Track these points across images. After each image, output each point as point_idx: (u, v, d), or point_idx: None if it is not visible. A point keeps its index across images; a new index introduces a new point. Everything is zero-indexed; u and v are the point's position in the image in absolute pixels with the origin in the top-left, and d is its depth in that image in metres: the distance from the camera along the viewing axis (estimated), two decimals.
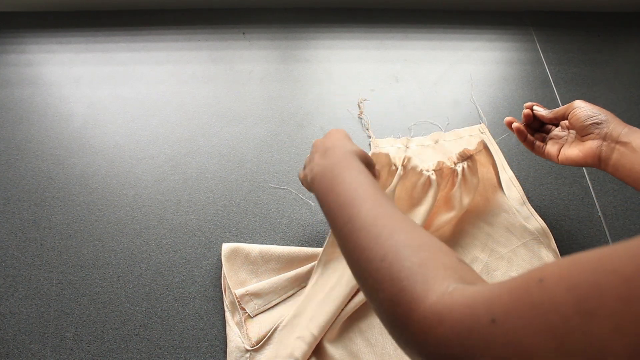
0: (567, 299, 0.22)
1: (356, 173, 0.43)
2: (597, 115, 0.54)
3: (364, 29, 0.90)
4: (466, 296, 0.27)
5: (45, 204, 0.67)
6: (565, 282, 0.23)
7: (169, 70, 0.83)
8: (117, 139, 0.74)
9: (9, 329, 0.57)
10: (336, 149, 0.48)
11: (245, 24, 0.90)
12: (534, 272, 0.25)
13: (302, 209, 0.67)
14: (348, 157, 0.46)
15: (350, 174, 0.43)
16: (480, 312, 0.26)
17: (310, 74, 0.83)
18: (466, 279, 0.30)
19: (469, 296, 0.27)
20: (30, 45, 0.87)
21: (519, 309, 0.24)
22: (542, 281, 0.24)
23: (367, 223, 0.37)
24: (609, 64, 0.87)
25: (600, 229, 0.66)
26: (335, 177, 0.43)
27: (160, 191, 0.68)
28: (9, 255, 0.62)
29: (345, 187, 0.41)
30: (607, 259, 0.22)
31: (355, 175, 0.43)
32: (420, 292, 0.30)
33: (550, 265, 0.25)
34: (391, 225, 0.36)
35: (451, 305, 0.28)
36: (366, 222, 0.37)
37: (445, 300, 0.28)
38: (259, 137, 0.74)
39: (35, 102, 0.78)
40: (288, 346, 0.53)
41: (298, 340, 0.53)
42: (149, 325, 0.57)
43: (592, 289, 0.21)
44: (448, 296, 0.29)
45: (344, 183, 0.42)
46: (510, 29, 0.92)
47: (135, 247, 0.63)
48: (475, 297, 0.27)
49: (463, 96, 0.80)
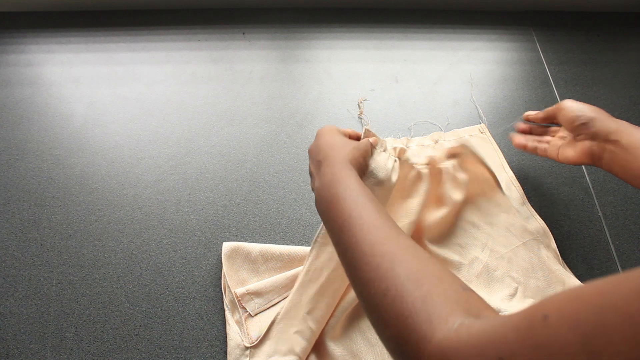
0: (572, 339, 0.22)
1: (350, 192, 0.42)
2: (583, 115, 0.53)
3: (364, 29, 0.90)
4: (472, 335, 0.27)
5: (45, 204, 0.67)
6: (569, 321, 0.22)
7: (169, 70, 0.83)
8: (117, 139, 0.74)
9: (9, 329, 0.57)
10: (328, 160, 0.47)
11: (245, 24, 0.90)
12: (538, 307, 0.25)
13: (302, 209, 0.67)
14: (341, 171, 0.45)
15: (344, 193, 0.42)
16: (488, 352, 0.25)
17: (310, 74, 0.83)
18: (471, 310, 0.30)
19: (475, 335, 0.27)
20: (30, 45, 0.87)
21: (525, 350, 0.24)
22: (546, 318, 0.23)
23: (366, 253, 0.36)
24: (609, 64, 0.87)
25: (600, 229, 0.66)
26: (331, 199, 0.42)
27: (160, 191, 0.68)
28: (9, 255, 0.62)
29: (340, 210, 0.40)
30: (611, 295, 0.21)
31: (349, 194, 0.41)
32: (425, 331, 0.29)
33: (553, 299, 0.24)
34: (391, 253, 0.35)
35: (457, 345, 0.27)
36: (365, 252, 0.36)
37: (451, 339, 0.28)
38: (259, 137, 0.74)
39: (35, 102, 0.78)
40: (287, 341, 0.53)
41: (296, 335, 0.53)
42: (149, 325, 0.57)
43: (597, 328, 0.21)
44: (454, 334, 0.28)
45: (339, 205, 0.41)
46: (510, 29, 0.92)
47: (135, 247, 0.63)
48: (481, 336, 0.27)
49: (463, 96, 0.80)
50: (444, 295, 0.31)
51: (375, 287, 0.33)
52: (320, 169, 0.47)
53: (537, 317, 0.24)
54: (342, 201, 0.41)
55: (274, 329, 0.55)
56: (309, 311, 0.54)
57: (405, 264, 0.34)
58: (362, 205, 0.40)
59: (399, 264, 0.34)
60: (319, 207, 0.45)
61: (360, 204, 0.40)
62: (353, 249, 0.37)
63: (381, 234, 0.37)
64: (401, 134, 0.75)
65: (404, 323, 0.30)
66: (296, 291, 0.55)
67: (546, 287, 0.58)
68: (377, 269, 0.34)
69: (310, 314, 0.54)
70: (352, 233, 0.38)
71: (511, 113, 0.78)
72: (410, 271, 0.33)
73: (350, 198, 0.41)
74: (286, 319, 0.55)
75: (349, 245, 0.38)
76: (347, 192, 0.42)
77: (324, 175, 0.45)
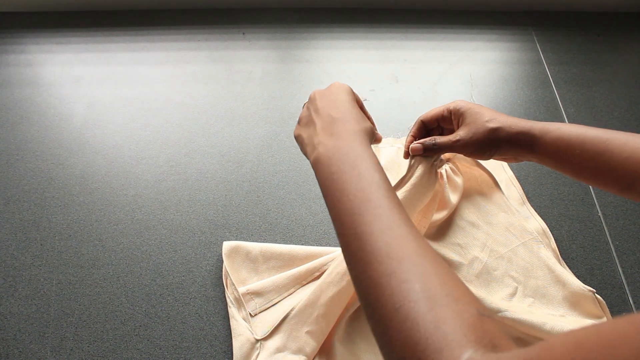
0: None
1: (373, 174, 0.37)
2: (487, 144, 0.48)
3: (364, 29, 0.90)
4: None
5: (45, 204, 0.67)
6: None
7: (169, 70, 0.83)
8: (117, 139, 0.74)
9: (9, 329, 0.57)
10: (345, 124, 0.41)
11: (245, 24, 0.90)
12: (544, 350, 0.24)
13: (302, 209, 0.67)
14: (360, 143, 0.39)
15: (361, 170, 0.37)
16: None
17: (310, 74, 0.83)
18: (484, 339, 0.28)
19: None
20: (30, 45, 0.87)
21: None
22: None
23: (381, 251, 0.32)
24: (609, 64, 0.87)
25: (600, 229, 0.66)
26: (344, 171, 0.37)
27: (160, 191, 0.68)
28: (9, 255, 0.62)
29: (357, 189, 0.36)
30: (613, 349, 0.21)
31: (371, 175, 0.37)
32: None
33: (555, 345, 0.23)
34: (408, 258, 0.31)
35: None
36: (380, 250, 0.32)
37: None
38: (259, 137, 0.74)
39: (35, 102, 0.78)
40: (297, 339, 0.53)
41: (307, 335, 0.53)
42: (149, 325, 0.57)
43: None
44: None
45: (354, 183, 0.36)
46: (510, 29, 0.92)
47: (135, 247, 0.63)
48: None
49: (463, 96, 0.80)
50: (459, 319, 0.29)
51: (386, 299, 0.30)
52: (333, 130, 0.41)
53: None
54: (362, 180, 0.36)
55: (286, 324, 0.55)
56: (324, 314, 0.54)
57: (423, 278, 0.30)
58: (385, 193, 0.35)
59: (416, 276, 0.30)
60: (324, 172, 0.39)
61: (383, 190, 0.36)
62: (365, 241, 0.33)
63: (400, 232, 0.33)
64: (401, 134, 0.75)
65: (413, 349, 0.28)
66: (314, 290, 0.55)
67: (546, 287, 0.58)
68: (390, 275, 0.31)
69: (325, 317, 0.54)
70: (367, 221, 0.34)
71: (511, 113, 0.78)
72: (427, 287, 0.30)
73: (372, 180, 0.36)
74: (299, 316, 0.55)
75: (360, 233, 0.33)
76: (369, 173, 0.37)
77: (338, 137, 0.40)
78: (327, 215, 0.65)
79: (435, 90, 0.81)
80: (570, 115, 0.78)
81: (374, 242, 0.32)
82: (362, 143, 0.40)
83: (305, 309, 0.55)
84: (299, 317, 0.55)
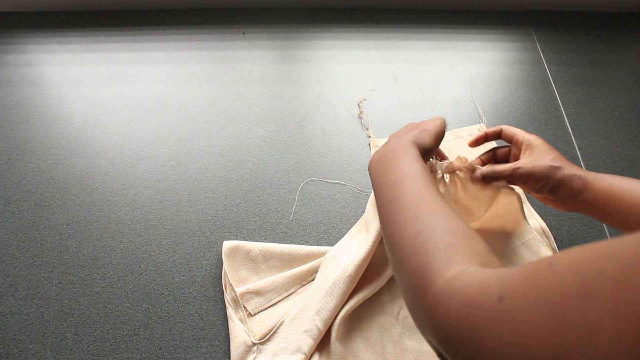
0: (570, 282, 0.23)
1: (410, 160, 0.45)
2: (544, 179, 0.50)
3: (364, 29, 0.90)
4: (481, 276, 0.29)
5: (45, 204, 0.67)
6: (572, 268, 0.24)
7: (169, 70, 0.83)
8: (117, 139, 0.74)
9: (9, 329, 0.57)
10: (399, 137, 0.50)
11: (245, 24, 0.90)
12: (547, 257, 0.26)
13: (303, 209, 0.67)
14: (405, 145, 0.48)
15: (403, 160, 0.45)
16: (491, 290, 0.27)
17: (310, 74, 0.83)
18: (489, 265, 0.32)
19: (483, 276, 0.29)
20: (30, 45, 0.87)
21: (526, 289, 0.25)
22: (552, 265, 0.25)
23: (409, 204, 0.39)
24: (609, 64, 0.87)
25: (600, 228, 0.66)
26: (389, 162, 0.46)
27: (160, 191, 0.68)
28: (9, 255, 0.62)
29: (396, 172, 0.44)
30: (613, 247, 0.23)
31: (408, 161, 0.45)
32: (442, 268, 0.32)
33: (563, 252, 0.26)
34: (432, 208, 0.38)
35: (467, 282, 0.29)
36: (409, 203, 0.39)
37: (462, 277, 0.30)
38: (259, 137, 0.74)
39: (35, 102, 0.78)
40: (295, 340, 0.53)
41: (305, 334, 0.53)
42: (149, 325, 0.57)
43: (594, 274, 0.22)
44: (465, 274, 0.30)
45: (396, 168, 0.44)
46: (510, 29, 0.92)
47: (135, 247, 0.63)
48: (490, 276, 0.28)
49: (463, 96, 0.80)
50: (470, 247, 0.33)
51: (409, 230, 0.36)
52: (389, 141, 0.50)
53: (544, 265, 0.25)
54: (399, 165, 0.45)
55: (283, 328, 0.55)
56: (318, 311, 0.54)
57: (442, 220, 0.36)
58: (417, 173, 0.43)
59: (437, 217, 0.37)
60: (375, 168, 0.48)
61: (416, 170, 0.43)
62: (399, 200, 0.40)
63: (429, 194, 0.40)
64: None
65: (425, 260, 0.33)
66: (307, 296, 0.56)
67: None
68: (415, 217, 0.37)
69: (319, 313, 0.54)
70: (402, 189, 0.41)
71: (511, 113, 0.78)
72: (445, 224, 0.36)
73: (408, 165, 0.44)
74: (296, 320, 0.55)
75: (396, 197, 0.41)
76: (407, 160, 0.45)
77: (389, 144, 0.49)
78: (327, 215, 0.66)
79: (435, 90, 0.81)
80: (570, 115, 0.78)
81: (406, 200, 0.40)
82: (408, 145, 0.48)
83: (301, 312, 0.55)
84: (296, 320, 0.55)
